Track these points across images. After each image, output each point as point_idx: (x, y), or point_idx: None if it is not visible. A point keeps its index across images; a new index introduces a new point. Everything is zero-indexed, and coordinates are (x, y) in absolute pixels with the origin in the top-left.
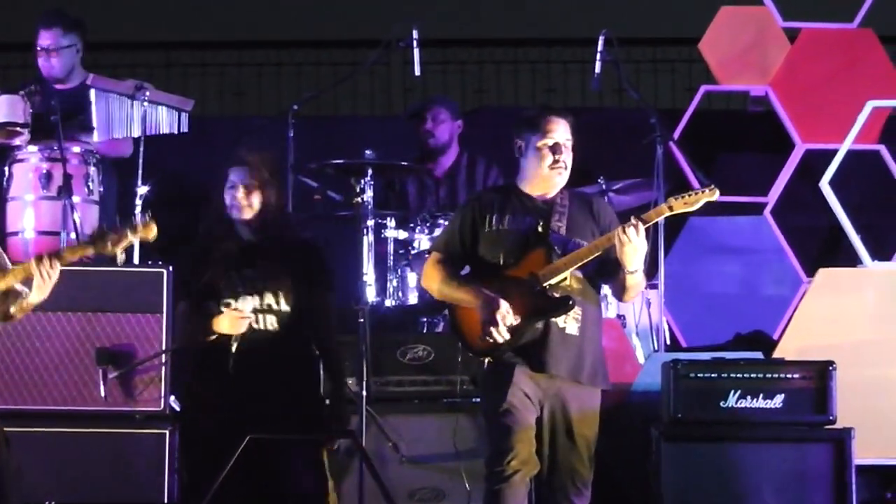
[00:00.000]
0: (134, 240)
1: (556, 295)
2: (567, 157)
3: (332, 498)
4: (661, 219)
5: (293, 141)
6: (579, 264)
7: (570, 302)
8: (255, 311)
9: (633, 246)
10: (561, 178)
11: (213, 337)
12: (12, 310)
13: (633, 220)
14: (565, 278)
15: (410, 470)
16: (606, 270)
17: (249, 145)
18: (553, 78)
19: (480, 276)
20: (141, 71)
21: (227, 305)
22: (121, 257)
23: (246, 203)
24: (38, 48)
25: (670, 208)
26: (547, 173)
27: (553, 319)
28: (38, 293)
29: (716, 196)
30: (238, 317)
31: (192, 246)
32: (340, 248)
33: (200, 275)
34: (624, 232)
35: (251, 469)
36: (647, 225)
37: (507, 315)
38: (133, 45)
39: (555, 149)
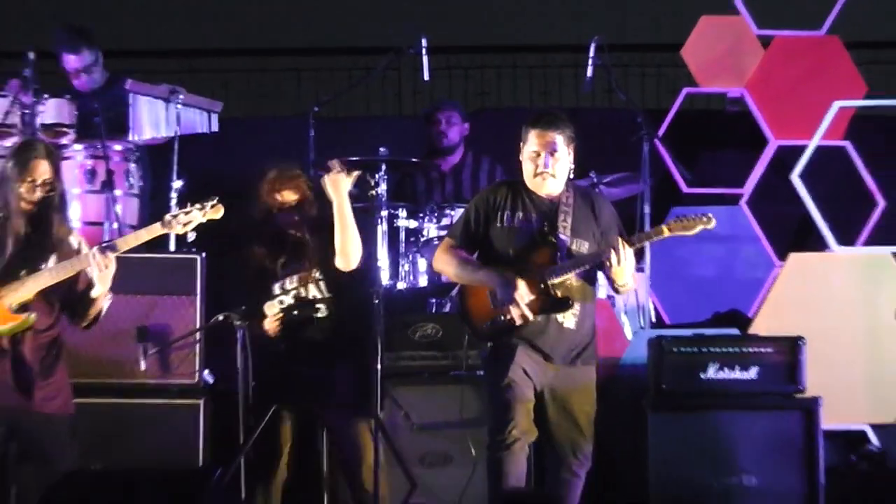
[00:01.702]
0: (203, 219)
1: (559, 294)
2: (554, 166)
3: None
4: (647, 212)
5: (314, 140)
6: (578, 270)
7: (570, 302)
8: (303, 300)
9: (620, 268)
10: (549, 183)
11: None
12: (93, 295)
13: (620, 244)
14: (567, 279)
15: (421, 437)
16: (600, 267)
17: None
18: (548, 81)
19: (491, 264)
20: (174, 76)
21: (281, 303)
22: (191, 235)
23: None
24: (70, 70)
25: (669, 230)
26: (534, 180)
27: (553, 315)
28: (101, 284)
29: (712, 225)
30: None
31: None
32: None
33: (248, 263)
34: (615, 254)
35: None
36: (643, 244)
37: (525, 295)
38: (166, 53)
39: (536, 160)
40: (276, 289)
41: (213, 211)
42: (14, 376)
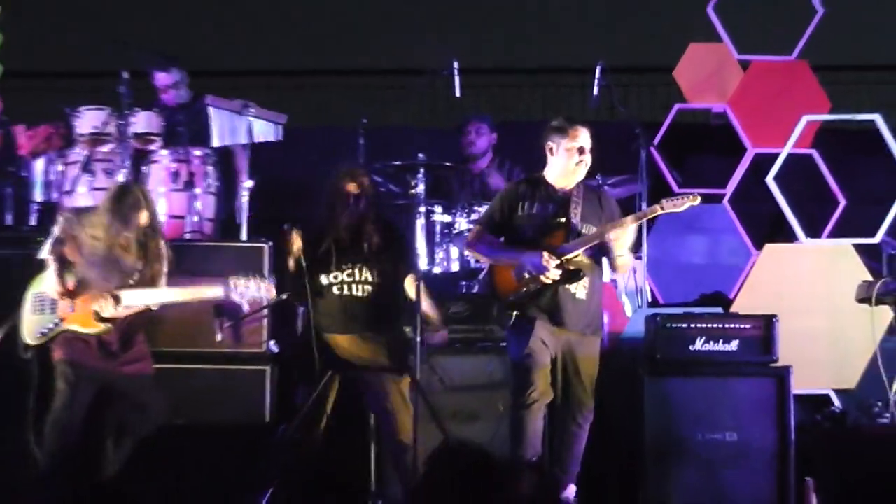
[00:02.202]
0: (256, 293)
1: (571, 268)
2: (588, 157)
3: (406, 420)
4: (644, 208)
5: (364, 147)
6: (587, 246)
7: (581, 274)
8: (354, 282)
9: (621, 241)
10: (582, 171)
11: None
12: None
13: (623, 220)
14: (578, 255)
15: (452, 397)
16: (604, 252)
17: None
18: (558, 99)
19: (514, 246)
20: (247, 92)
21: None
22: (245, 306)
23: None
24: (160, 87)
25: (662, 208)
26: (573, 168)
27: (567, 287)
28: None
29: (697, 202)
30: None
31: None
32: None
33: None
34: (616, 228)
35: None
36: (642, 220)
37: (551, 260)
38: (239, 73)
39: (580, 150)
40: (325, 278)
41: (266, 290)
42: (100, 349)
